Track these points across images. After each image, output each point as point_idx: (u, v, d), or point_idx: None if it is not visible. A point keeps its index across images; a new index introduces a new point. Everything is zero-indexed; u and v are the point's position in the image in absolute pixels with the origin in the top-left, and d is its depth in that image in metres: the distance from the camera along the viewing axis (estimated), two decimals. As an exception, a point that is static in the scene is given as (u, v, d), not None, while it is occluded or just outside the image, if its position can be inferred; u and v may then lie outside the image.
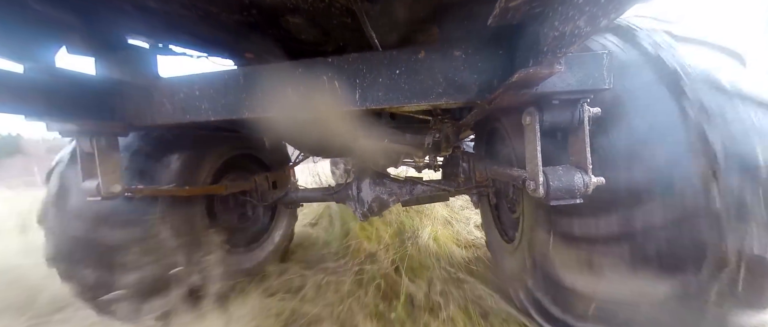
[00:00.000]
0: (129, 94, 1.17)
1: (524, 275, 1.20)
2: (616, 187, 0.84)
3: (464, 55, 0.92)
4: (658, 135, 0.83)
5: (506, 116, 1.25)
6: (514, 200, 1.42)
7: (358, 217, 1.77)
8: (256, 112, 1.06)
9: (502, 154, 1.49)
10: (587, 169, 0.81)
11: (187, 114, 1.12)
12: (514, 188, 1.39)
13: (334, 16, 1.11)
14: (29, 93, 0.92)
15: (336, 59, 1.00)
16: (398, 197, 1.74)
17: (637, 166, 0.83)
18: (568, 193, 0.81)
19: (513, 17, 0.70)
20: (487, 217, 1.81)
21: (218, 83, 1.08)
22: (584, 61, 0.79)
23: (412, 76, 0.95)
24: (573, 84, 0.80)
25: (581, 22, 0.52)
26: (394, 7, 1.07)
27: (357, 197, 1.76)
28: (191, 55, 1.49)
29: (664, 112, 0.84)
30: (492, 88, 0.90)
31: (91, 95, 1.09)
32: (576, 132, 0.85)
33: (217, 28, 1.22)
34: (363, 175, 1.79)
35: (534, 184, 0.84)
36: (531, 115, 0.85)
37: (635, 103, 0.86)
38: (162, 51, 1.33)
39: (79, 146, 1.17)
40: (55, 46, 1.07)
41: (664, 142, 0.82)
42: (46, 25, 1.02)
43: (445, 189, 1.70)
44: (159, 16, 1.11)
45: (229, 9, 1.08)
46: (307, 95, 1.02)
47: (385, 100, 0.97)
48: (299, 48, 1.39)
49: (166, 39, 1.32)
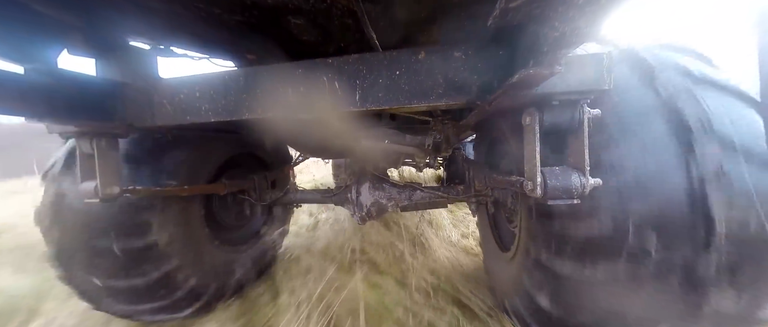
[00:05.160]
0: (129, 95, 1.17)
1: (519, 285, 1.20)
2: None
3: (464, 56, 0.92)
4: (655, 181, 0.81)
5: (507, 124, 1.25)
6: (512, 210, 1.42)
7: (356, 221, 1.77)
8: (256, 113, 1.06)
9: (503, 164, 1.49)
10: (585, 171, 0.81)
11: (187, 115, 1.12)
12: (513, 198, 1.39)
13: (336, 17, 1.12)
14: (30, 94, 0.92)
15: (336, 60, 1.00)
16: (397, 202, 1.74)
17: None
18: (566, 193, 0.81)
19: (513, 18, 0.70)
20: (484, 225, 1.81)
21: (218, 84, 1.08)
22: (584, 61, 0.79)
23: (413, 76, 0.95)
24: (573, 84, 0.80)
25: (581, 22, 0.52)
26: (395, 8, 1.07)
27: (356, 201, 1.76)
28: (192, 56, 1.49)
29: (669, 174, 0.81)
30: (492, 89, 0.90)
31: (92, 96, 1.09)
32: (575, 133, 0.85)
33: (218, 29, 1.22)
34: (363, 179, 1.79)
35: (531, 184, 0.84)
36: (531, 115, 0.85)
37: (640, 158, 0.83)
38: (163, 52, 1.33)
39: (78, 147, 1.17)
40: (57, 48, 1.07)
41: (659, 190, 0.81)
42: (48, 27, 1.02)
43: (444, 196, 1.70)
44: (161, 17, 1.11)
45: (231, 10, 1.08)
46: (308, 96, 1.02)
47: (385, 101, 0.97)
48: (300, 49, 1.39)
49: (168, 40, 1.32)
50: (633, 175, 0.83)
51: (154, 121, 1.15)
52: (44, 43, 1.03)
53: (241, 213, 2.09)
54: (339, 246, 2.57)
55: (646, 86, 0.88)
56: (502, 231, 1.65)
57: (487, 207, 1.72)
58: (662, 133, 0.83)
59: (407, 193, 1.74)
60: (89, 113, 1.07)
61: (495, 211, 1.69)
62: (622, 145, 0.85)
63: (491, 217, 1.73)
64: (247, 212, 2.11)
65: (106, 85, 1.15)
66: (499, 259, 1.51)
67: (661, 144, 0.82)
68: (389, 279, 1.98)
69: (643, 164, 0.83)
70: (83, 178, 1.17)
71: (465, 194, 1.67)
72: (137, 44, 1.29)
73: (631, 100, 0.88)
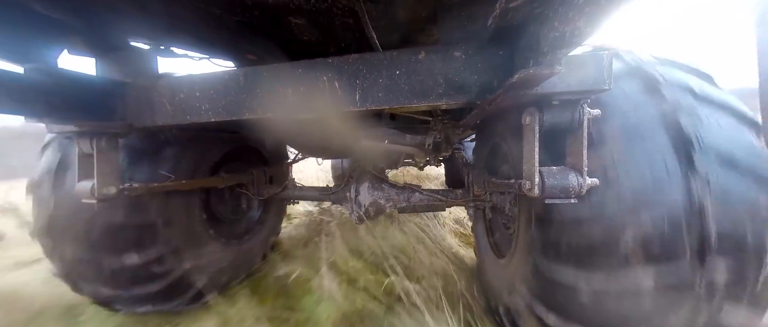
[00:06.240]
0: (129, 94, 1.17)
1: (514, 291, 1.19)
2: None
3: (464, 56, 0.92)
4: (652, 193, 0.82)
5: (507, 126, 1.25)
6: (509, 216, 1.42)
7: (353, 220, 1.78)
8: (256, 112, 1.06)
9: (503, 170, 1.49)
10: (582, 171, 0.82)
11: (187, 115, 1.12)
12: (510, 204, 1.40)
13: (336, 17, 1.12)
14: (29, 94, 0.92)
15: (336, 60, 1.00)
16: (395, 203, 1.74)
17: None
18: (563, 192, 0.82)
19: (513, 18, 0.70)
20: (480, 230, 1.81)
21: (218, 84, 1.09)
22: (585, 61, 0.79)
23: (413, 76, 0.95)
24: (573, 84, 0.80)
25: (581, 22, 0.52)
26: (396, 8, 1.07)
27: (354, 200, 1.76)
28: (192, 56, 1.49)
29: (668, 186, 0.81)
30: (492, 89, 0.91)
31: (92, 96, 1.09)
32: (575, 133, 0.85)
33: (218, 29, 1.22)
34: (362, 178, 1.79)
35: (529, 183, 0.84)
36: (531, 115, 0.85)
37: (642, 169, 0.84)
38: (163, 53, 1.33)
39: (78, 147, 1.16)
40: (57, 48, 1.07)
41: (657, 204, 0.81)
42: (48, 27, 1.02)
43: (442, 199, 1.70)
44: (161, 17, 1.11)
45: (231, 10, 1.08)
46: (308, 96, 1.02)
47: (385, 101, 0.97)
48: (299, 49, 1.39)
49: (168, 40, 1.32)
50: (634, 184, 0.83)
51: (154, 120, 1.15)
52: (44, 43, 1.03)
53: (238, 207, 2.09)
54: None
55: (650, 100, 0.89)
56: (499, 237, 1.65)
57: (484, 212, 1.72)
58: (663, 146, 0.84)
59: (406, 195, 1.74)
60: (89, 113, 1.07)
61: (492, 216, 1.69)
62: (625, 155, 0.86)
63: (488, 223, 1.73)
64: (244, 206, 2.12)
65: (106, 84, 1.15)
66: (495, 265, 1.51)
67: (661, 156, 0.83)
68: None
69: (644, 175, 0.83)
70: (80, 177, 1.17)
71: (463, 198, 1.67)
72: (137, 44, 1.29)
73: (636, 113, 0.89)
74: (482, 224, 1.77)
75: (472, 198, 1.63)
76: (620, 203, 0.84)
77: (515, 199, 1.32)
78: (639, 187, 0.83)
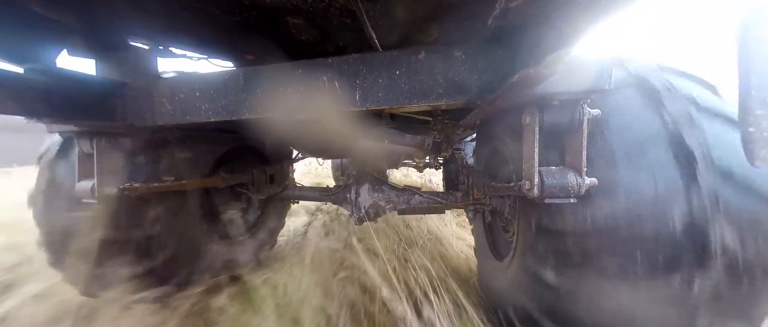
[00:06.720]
0: (129, 94, 1.17)
1: (513, 294, 1.19)
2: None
3: (464, 56, 0.92)
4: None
5: (507, 127, 1.25)
6: (508, 220, 1.42)
7: (352, 221, 1.77)
8: (256, 112, 1.06)
9: (503, 173, 1.49)
10: (581, 171, 0.81)
11: (187, 115, 1.12)
12: (510, 208, 1.39)
13: (334, 17, 1.11)
14: (29, 94, 0.92)
15: (336, 60, 1.00)
16: (395, 205, 1.73)
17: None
18: (562, 191, 0.82)
19: (513, 18, 0.70)
20: (479, 233, 1.81)
21: (218, 84, 1.08)
22: (585, 61, 0.79)
23: (412, 76, 0.95)
24: (573, 85, 0.80)
25: (581, 22, 0.52)
26: (395, 7, 1.07)
27: (354, 201, 1.76)
28: (191, 56, 1.49)
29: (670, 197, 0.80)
30: (492, 89, 0.90)
31: (92, 96, 1.09)
32: (574, 133, 0.85)
33: (217, 29, 1.22)
34: (362, 180, 1.79)
35: (529, 183, 0.84)
36: (531, 114, 0.85)
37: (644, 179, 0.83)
38: (162, 53, 1.33)
39: (78, 147, 1.16)
40: (57, 48, 1.07)
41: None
42: (48, 28, 1.02)
43: (442, 202, 1.69)
44: (160, 17, 1.11)
45: (230, 11, 1.08)
46: (307, 96, 1.02)
47: (385, 101, 0.97)
48: (299, 49, 1.39)
49: (167, 40, 1.32)
50: (636, 193, 0.83)
51: (154, 120, 1.15)
52: (44, 43, 1.04)
53: (238, 206, 2.09)
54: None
55: (653, 112, 0.88)
56: (498, 240, 1.65)
57: (484, 215, 1.72)
58: (665, 158, 0.83)
59: (406, 197, 1.73)
60: (89, 113, 1.07)
61: (492, 219, 1.69)
62: (627, 165, 0.85)
63: (487, 226, 1.73)
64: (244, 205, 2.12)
65: (106, 84, 1.15)
66: (494, 268, 1.51)
67: (663, 168, 0.83)
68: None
69: (646, 185, 0.82)
70: (80, 177, 1.17)
71: (463, 201, 1.67)
72: (137, 44, 1.29)
73: (637, 125, 0.88)
74: (482, 227, 1.77)
75: (472, 201, 1.63)
76: (620, 213, 0.83)
77: (514, 202, 1.32)
78: (640, 200, 0.82)
